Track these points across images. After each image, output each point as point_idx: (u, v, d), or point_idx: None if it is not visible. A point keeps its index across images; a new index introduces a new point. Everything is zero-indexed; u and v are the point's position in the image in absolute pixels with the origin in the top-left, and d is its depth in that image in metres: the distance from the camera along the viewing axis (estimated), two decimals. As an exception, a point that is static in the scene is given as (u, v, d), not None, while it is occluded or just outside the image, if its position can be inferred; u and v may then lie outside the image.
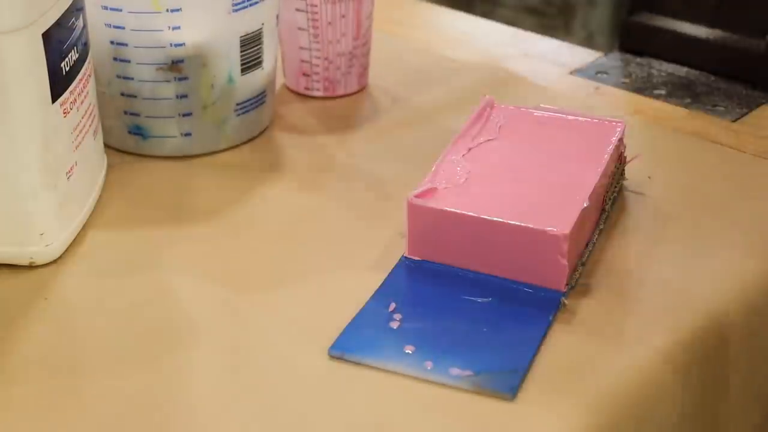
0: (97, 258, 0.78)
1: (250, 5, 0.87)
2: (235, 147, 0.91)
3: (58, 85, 0.74)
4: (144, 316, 0.72)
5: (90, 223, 0.81)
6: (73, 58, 0.76)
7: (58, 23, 0.72)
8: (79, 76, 0.77)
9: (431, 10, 1.20)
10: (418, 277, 0.75)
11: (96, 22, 0.84)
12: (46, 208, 0.75)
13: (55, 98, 0.73)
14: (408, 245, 0.76)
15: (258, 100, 0.91)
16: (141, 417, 0.64)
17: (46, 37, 0.71)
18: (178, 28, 0.84)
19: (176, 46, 0.85)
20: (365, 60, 1.00)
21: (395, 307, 0.71)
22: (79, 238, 0.79)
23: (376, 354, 0.68)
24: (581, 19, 1.59)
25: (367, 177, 0.87)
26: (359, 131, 0.94)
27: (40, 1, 0.71)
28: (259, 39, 0.89)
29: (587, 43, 1.11)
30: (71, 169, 0.77)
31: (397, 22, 1.14)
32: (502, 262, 0.73)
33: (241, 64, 0.88)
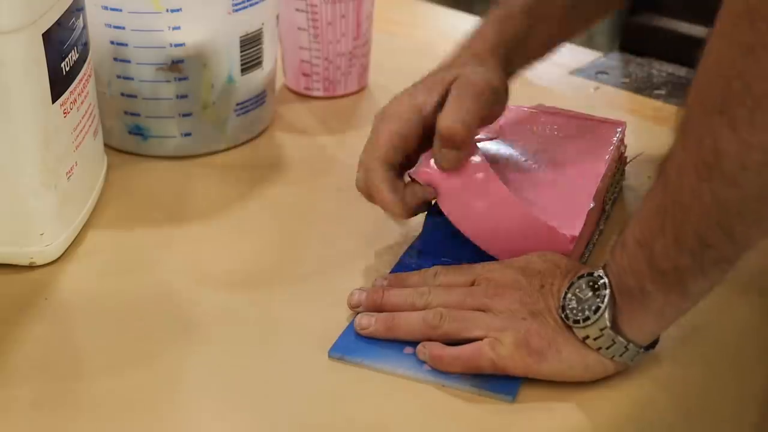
0: (97, 258, 0.78)
1: (250, 5, 0.87)
2: (235, 147, 0.91)
3: (58, 85, 0.74)
4: (143, 315, 0.72)
5: (90, 223, 0.81)
6: (73, 58, 0.76)
7: (58, 23, 0.72)
8: (79, 76, 0.77)
9: (431, 10, 1.20)
10: None
11: (96, 22, 0.84)
12: (46, 208, 0.75)
13: (55, 98, 0.73)
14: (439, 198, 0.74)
15: (258, 100, 0.91)
16: (141, 416, 0.64)
17: (46, 37, 0.71)
18: (178, 28, 0.84)
19: (176, 46, 0.85)
20: (365, 60, 0.99)
21: None
22: (79, 238, 0.79)
23: (375, 356, 0.68)
24: (581, 19, 1.59)
25: (367, 177, 0.87)
26: (359, 131, 0.94)
27: (40, 1, 0.71)
28: (259, 39, 0.89)
29: (587, 43, 1.10)
30: (71, 169, 0.77)
31: (397, 22, 1.13)
32: (509, 249, 0.72)
33: (241, 64, 0.88)
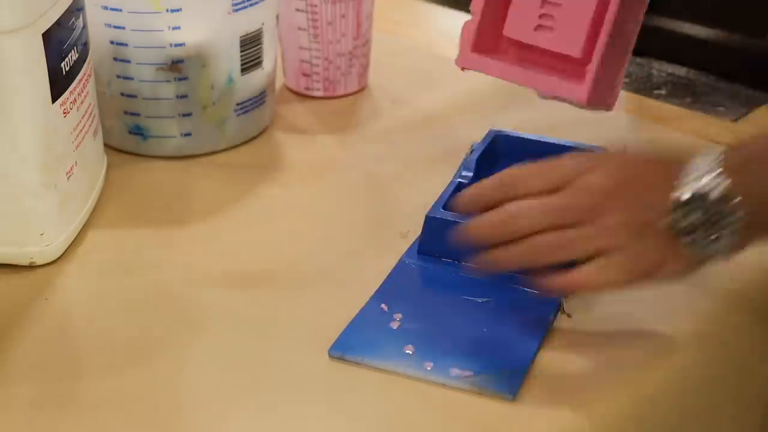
0: (97, 258, 0.78)
1: (250, 5, 0.87)
2: (235, 147, 0.91)
3: (58, 85, 0.74)
4: (143, 315, 0.72)
5: (90, 223, 0.81)
6: (73, 58, 0.76)
7: (58, 23, 0.72)
8: (79, 76, 0.77)
9: (431, 10, 1.20)
10: (417, 278, 0.75)
11: (96, 22, 0.84)
12: (46, 208, 0.75)
13: (55, 98, 0.73)
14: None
15: (258, 100, 0.91)
16: (141, 415, 0.64)
17: (46, 37, 0.71)
18: (178, 28, 0.84)
19: (176, 46, 0.85)
20: (365, 60, 0.99)
21: (395, 308, 0.71)
22: (79, 238, 0.79)
23: (376, 354, 0.67)
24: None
25: (367, 177, 0.87)
26: (359, 131, 0.94)
27: (40, 1, 0.71)
28: (259, 39, 0.89)
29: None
30: (71, 169, 0.77)
31: (397, 22, 1.14)
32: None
33: (241, 64, 0.88)
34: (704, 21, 1.03)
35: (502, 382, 0.65)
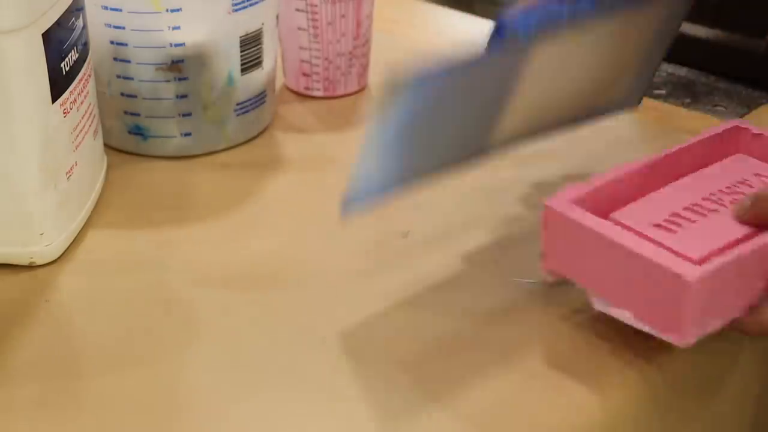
0: (97, 258, 0.78)
1: (250, 5, 0.87)
2: (235, 147, 0.91)
3: (58, 85, 0.74)
4: (143, 316, 0.72)
5: (90, 223, 0.81)
6: (73, 58, 0.76)
7: (58, 23, 0.73)
8: (79, 76, 0.77)
9: (431, 10, 1.20)
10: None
11: (96, 22, 0.84)
12: (46, 208, 0.75)
13: (55, 98, 0.73)
14: None
15: (258, 100, 0.91)
16: (141, 417, 0.64)
17: (46, 37, 0.71)
18: (178, 28, 0.84)
19: (176, 46, 0.85)
20: (365, 60, 1.00)
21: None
22: (79, 238, 0.79)
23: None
24: (581, 19, 1.59)
25: (367, 177, 0.87)
26: (359, 131, 0.94)
27: (40, 1, 0.71)
28: (259, 39, 0.89)
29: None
30: (71, 169, 0.77)
31: (397, 22, 1.14)
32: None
33: (241, 64, 0.88)
34: (704, 21, 1.03)
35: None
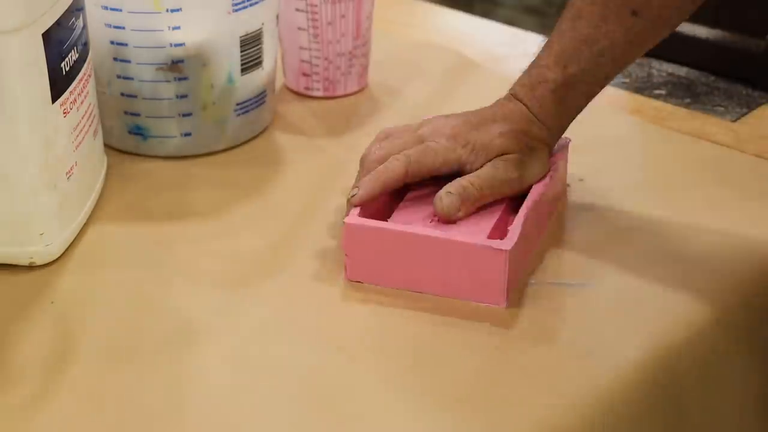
0: (97, 257, 0.78)
1: (250, 5, 0.87)
2: (235, 147, 0.91)
3: (58, 85, 0.74)
4: (143, 315, 0.72)
5: (90, 223, 0.81)
6: (73, 58, 0.76)
7: (58, 23, 0.73)
8: (79, 76, 0.77)
9: (431, 10, 1.20)
10: None
11: (96, 22, 0.84)
12: (46, 208, 0.75)
13: (55, 98, 0.73)
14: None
15: (258, 100, 0.91)
16: (141, 414, 0.64)
17: (46, 37, 0.71)
18: (178, 28, 0.84)
19: (176, 46, 0.85)
20: (365, 60, 1.00)
21: None
22: (79, 238, 0.79)
23: None
24: (581, 19, 1.59)
25: (367, 177, 0.87)
26: (359, 131, 0.94)
27: (40, 1, 0.71)
28: (259, 39, 0.89)
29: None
30: (71, 169, 0.77)
31: (397, 22, 1.13)
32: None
33: (241, 64, 0.88)
34: (704, 21, 1.03)
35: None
